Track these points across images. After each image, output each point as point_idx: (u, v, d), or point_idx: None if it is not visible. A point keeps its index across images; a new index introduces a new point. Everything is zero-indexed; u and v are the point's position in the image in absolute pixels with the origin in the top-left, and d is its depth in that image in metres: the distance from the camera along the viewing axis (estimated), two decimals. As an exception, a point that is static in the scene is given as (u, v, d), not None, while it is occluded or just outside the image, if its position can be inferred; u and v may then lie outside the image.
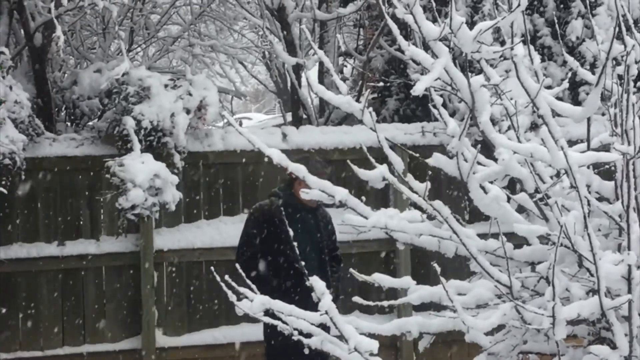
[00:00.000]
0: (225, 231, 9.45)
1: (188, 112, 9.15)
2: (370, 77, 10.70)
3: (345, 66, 12.77)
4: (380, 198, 9.32)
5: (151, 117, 8.87)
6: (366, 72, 10.42)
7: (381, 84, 5.92)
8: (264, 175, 9.60)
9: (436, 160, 5.33)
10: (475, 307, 5.32)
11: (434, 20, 5.02)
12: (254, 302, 4.54)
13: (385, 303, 5.57)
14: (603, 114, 5.93)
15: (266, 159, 5.09)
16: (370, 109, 5.17)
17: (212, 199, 9.62)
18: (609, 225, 5.28)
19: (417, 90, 4.54)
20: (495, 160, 5.18)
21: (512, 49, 4.99)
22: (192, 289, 9.53)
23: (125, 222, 8.74)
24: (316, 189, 5.28)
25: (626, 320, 4.77)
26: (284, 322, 4.63)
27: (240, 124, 15.03)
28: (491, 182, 5.42)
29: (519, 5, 4.70)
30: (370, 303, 5.50)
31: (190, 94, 9.21)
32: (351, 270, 5.45)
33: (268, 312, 4.61)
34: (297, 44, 11.12)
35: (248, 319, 5.89)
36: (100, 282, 9.32)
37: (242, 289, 4.61)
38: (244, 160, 9.51)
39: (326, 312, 4.56)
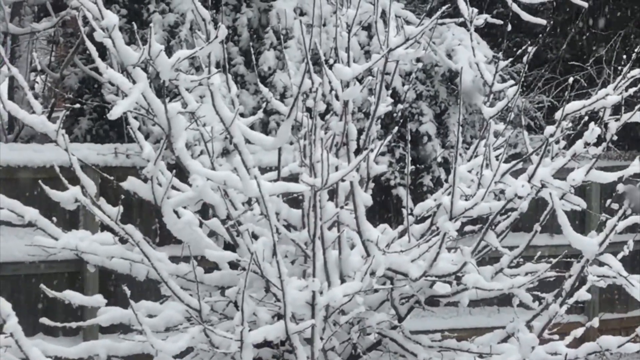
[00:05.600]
0: None
1: None
2: (64, 95, 10.47)
3: (37, 82, 12.41)
4: (70, 218, 9.12)
5: None
6: (59, 91, 10.19)
7: (77, 105, 5.87)
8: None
9: (131, 184, 5.35)
10: (165, 331, 5.37)
11: (130, 42, 5.04)
12: None
13: (74, 324, 5.49)
14: (291, 143, 6.18)
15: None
16: (64, 130, 5.11)
17: None
18: (296, 252, 5.52)
19: (114, 114, 4.54)
20: (190, 184, 5.27)
21: (209, 78, 5.11)
22: None
23: None
24: (5, 208, 5.16)
25: (309, 344, 5.00)
26: None
27: None
28: (185, 207, 5.51)
29: (216, 37, 4.82)
30: (59, 324, 5.40)
31: None
32: (42, 285, 5.30)
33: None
34: (-15, 56, 10.66)
35: None
36: None
37: None
38: None
39: (11, 335, 4.46)
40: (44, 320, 5.36)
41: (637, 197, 5.43)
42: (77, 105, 6.26)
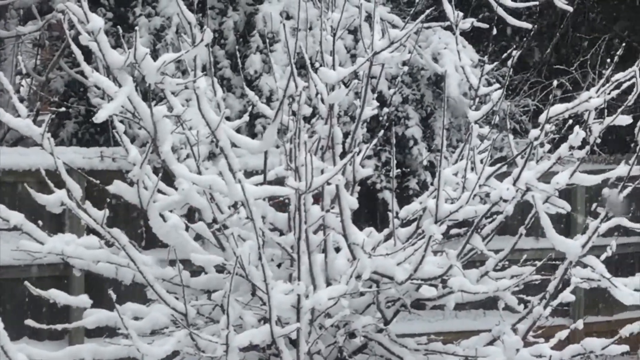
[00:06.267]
0: None
1: None
2: (50, 98, 10.45)
3: (22, 86, 12.37)
4: (56, 222, 9.10)
5: None
6: (44, 94, 10.17)
7: (63, 109, 5.86)
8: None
9: (117, 187, 5.35)
10: (150, 334, 5.37)
11: (116, 46, 5.03)
12: None
13: (60, 326, 5.48)
14: (278, 147, 6.19)
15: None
16: (49, 134, 5.10)
17: None
18: (282, 255, 5.52)
19: (100, 118, 4.54)
20: (176, 188, 5.27)
21: (194, 81, 5.11)
22: None
23: None
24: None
25: (294, 347, 5.00)
26: None
27: None
28: (170, 211, 5.50)
29: (202, 40, 4.82)
30: (44, 326, 5.38)
31: None
32: (26, 283, 5.27)
33: None
34: (-31, 60, 10.64)
35: None
36: None
37: None
38: None
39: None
40: (29, 322, 5.34)
41: (618, 200, 5.46)
42: (63, 109, 6.25)
